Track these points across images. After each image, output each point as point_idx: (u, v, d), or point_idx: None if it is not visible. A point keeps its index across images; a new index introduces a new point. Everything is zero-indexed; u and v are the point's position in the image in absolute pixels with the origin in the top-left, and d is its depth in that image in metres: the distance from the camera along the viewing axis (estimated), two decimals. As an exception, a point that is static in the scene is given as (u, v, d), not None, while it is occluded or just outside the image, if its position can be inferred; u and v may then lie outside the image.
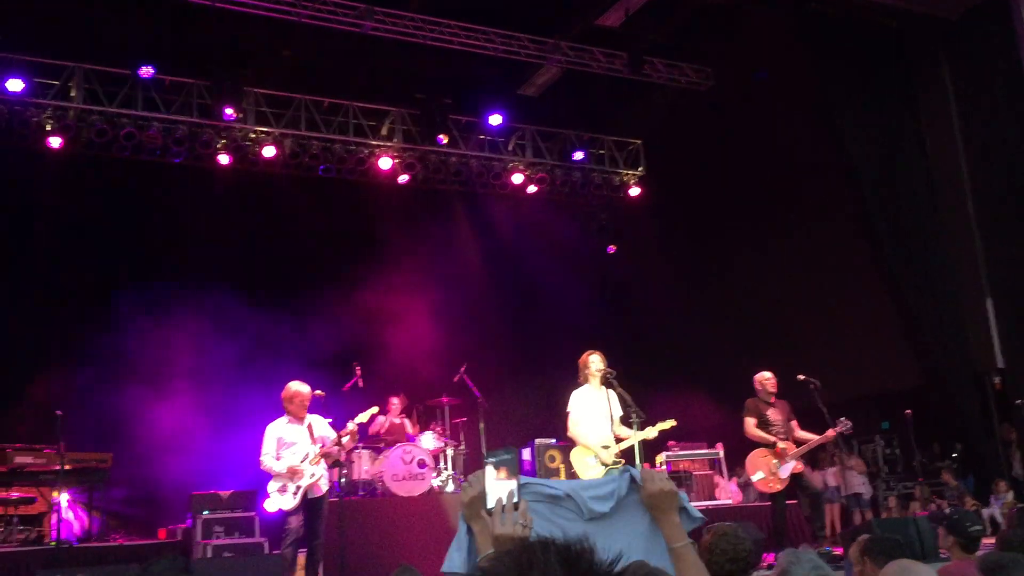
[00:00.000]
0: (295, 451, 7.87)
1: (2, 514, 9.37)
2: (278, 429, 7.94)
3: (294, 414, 7.93)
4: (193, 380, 11.41)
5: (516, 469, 2.13)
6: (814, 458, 12.01)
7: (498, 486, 2.11)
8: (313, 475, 7.80)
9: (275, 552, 7.71)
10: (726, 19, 12.66)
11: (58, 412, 8.31)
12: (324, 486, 7.91)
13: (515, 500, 2.05)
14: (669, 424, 8.48)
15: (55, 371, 10.78)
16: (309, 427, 7.97)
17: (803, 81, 12.49)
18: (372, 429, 11.40)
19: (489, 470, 2.10)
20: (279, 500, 7.72)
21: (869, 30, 12.07)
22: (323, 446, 7.96)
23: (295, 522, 7.70)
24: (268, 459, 7.83)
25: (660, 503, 2.45)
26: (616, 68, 13.32)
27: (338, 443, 8.05)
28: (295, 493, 7.70)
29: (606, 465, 8.22)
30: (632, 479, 2.56)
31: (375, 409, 8.67)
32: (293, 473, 7.74)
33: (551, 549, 0.98)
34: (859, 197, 12.10)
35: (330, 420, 8.32)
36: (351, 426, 8.17)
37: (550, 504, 2.51)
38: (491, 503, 2.11)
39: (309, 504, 7.79)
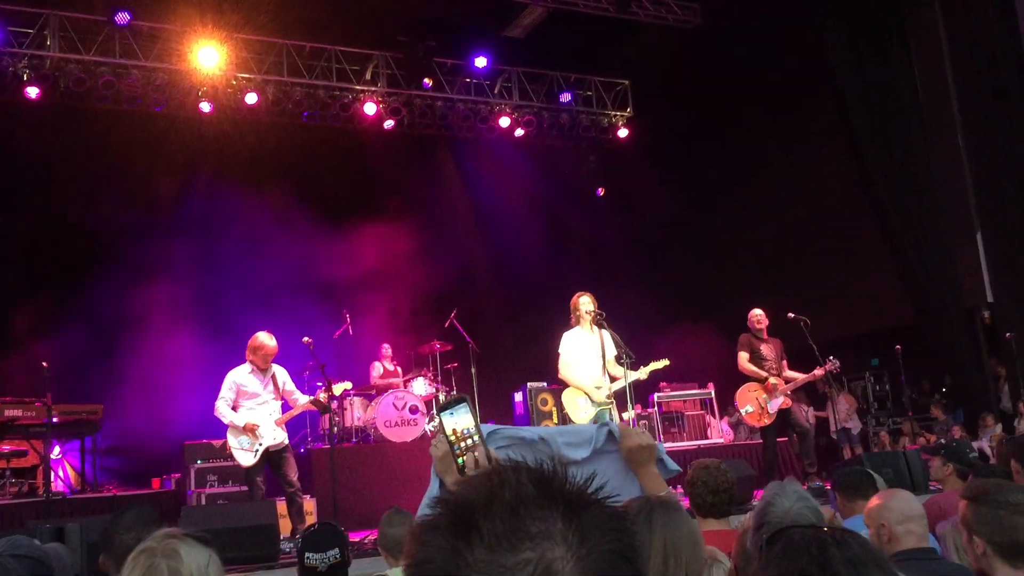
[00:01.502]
0: (256, 403, 7.74)
1: (-5, 467, 9.39)
2: (239, 376, 7.74)
3: (257, 365, 7.77)
4: (183, 330, 11.35)
5: (472, 415, 2.06)
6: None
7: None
8: (275, 438, 7.66)
9: (271, 498, 7.69)
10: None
11: (44, 364, 8.25)
12: (285, 440, 7.82)
13: (473, 443, 2.00)
14: (662, 364, 8.48)
15: (44, 324, 10.70)
16: (272, 377, 7.85)
17: (794, 16, 12.29)
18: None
19: (446, 421, 2.04)
20: (240, 456, 7.64)
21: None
22: (283, 404, 7.86)
23: (260, 480, 7.61)
24: (223, 405, 7.63)
25: (638, 456, 2.44)
26: (602, 7, 13.09)
27: (319, 401, 7.98)
28: (256, 452, 7.58)
29: (598, 404, 8.23)
30: (610, 433, 2.54)
31: (348, 384, 8.55)
32: (249, 430, 7.57)
33: (522, 469, 0.94)
34: (850, 134, 12.00)
35: (324, 364, 8.23)
36: (322, 396, 8.05)
37: (521, 448, 2.48)
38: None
39: (271, 456, 7.67)
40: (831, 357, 9.13)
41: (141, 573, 2.07)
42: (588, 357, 8.33)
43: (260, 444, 7.59)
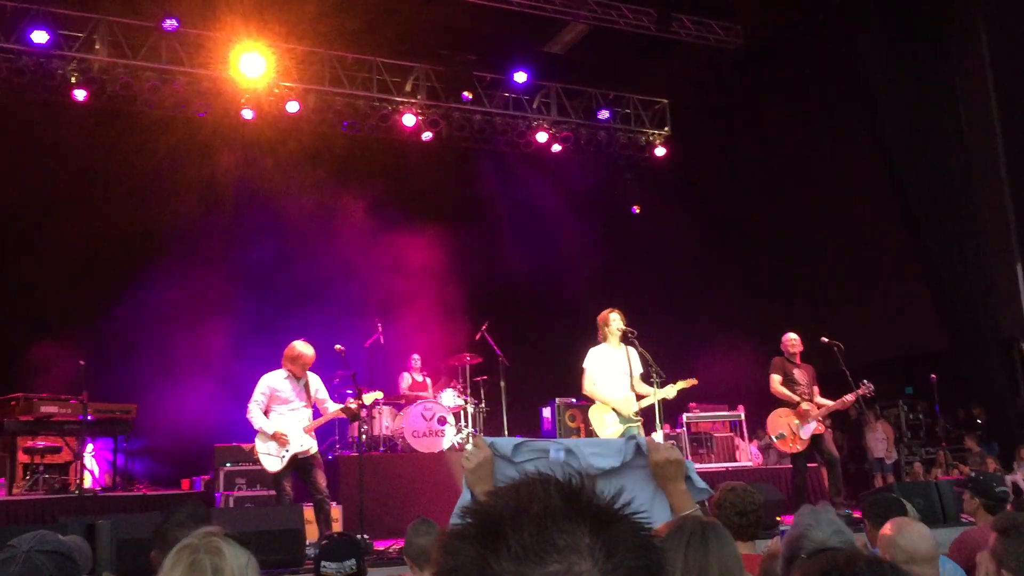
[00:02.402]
0: (287, 408, 7.79)
1: (28, 462, 9.54)
2: (273, 380, 7.78)
3: (294, 373, 7.84)
4: (217, 333, 11.47)
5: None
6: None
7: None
8: (302, 445, 7.70)
9: (296, 503, 7.73)
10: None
11: (81, 362, 8.38)
12: (313, 448, 7.86)
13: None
14: (689, 383, 8.42)
15: (81, 323, 10.87)
16: (305, 385, 7.92)
17: (834, 40, 12.23)
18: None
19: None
20: (267, 461, 7.70)
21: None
22: (314, 411, 7.92)
23: (287, 485, 7.67)
24: (255, 409, 7.66)
25: (666, 471, 2.43)
26: (644, 25, 13.12)
27: (349, 409, 8.02)
28: (283, 459, 7.63)
29: (626, 420, 8.18)
30: (638, 447, 2.53)
31: (379, 395, 8.59)
32: (277, 438, 7.61)
33: (550, 483, 0.95)
34: (888, 158, 11.89)
35: (355, 372, 8.28)
36: (352, 404, 8.09)
37: (549, 460, 2.48)
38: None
39: (298, 463, 7.72)
40: (864, 380, 8.98)
41: (185, 568, 2.10)
42: (615, 373, 8.29)
43: (287, 450, 7.64)
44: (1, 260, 11.42)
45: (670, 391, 8.18)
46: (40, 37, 11.09)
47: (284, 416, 7.75)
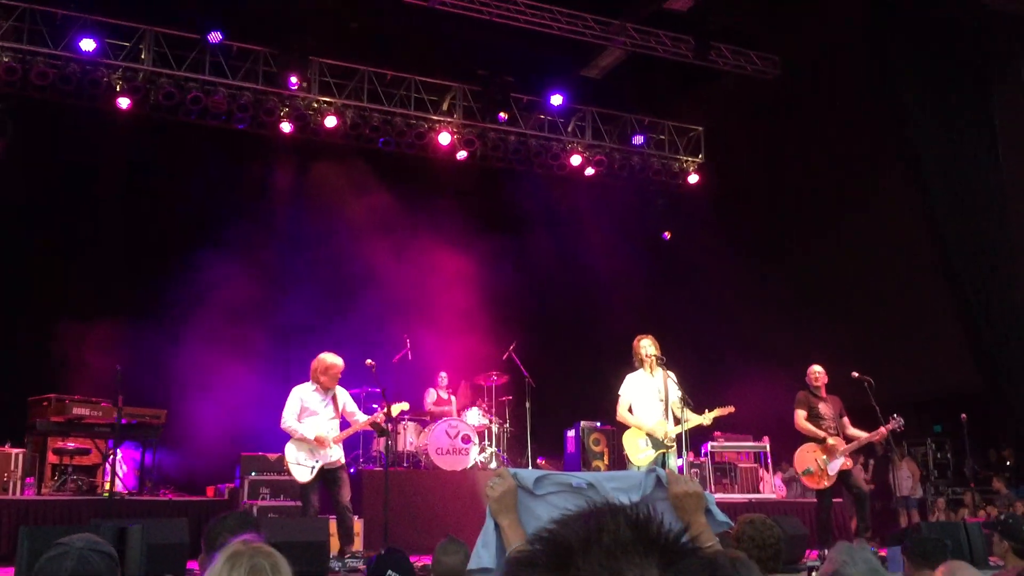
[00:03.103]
0: (315, 421, 7.86)
1: (57, 463, 9.64)
2: (303, 392, 7.91)
3: (323, 385, 7.91)
4: (246, 343, 11.58)
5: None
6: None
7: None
8: (331, 457, 7.79)
9: (321, 515, 7.78)
10: (796, 6, 12.43)
11: (118, 367, 8.49)
12: (341, 459, 7.94)
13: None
14: (727, 410, 8.42)
15: (114, 327, 11.01)
16: (333, 398, 7.97)
17: (872, 73, 12.22)
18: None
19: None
20: (297, 471, 7.77)
21: (943, 22, 11.73)
22: (342, 423, 7.99)
23: (314, 498, 7.76)
24: (290, 419, 7.81)
25: (686, 504, 2.44)
26: (681, 53, 13.17)
27: (377, 424, 8.08)
28: (312, 469, 7.72)
29: (659, 445, 8.17)
30: (658, 480, 2.55)
31: (405, 405, 8.65)
32: (320, 443, 7.72)
33: (620, 513, 0.97)
34: (924, 193, 11.81)
35: (383, 388, 8.35)
36: (379, 416, 8.16)
37: (570, 494, 2.50)
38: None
39: (325, 474, 7.81)
40: (894, 415, 8.89)
41: (246, 571, 2.17)
42: (650, 400, 8.32)
43: (317, 461, 7.70)
44: (44, 263, 11.63)
45: (706, 418, 8.20)
46: (88, 45, 11.30)
47: (314, 429, 7.82)
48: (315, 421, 7.84)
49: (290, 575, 2.26)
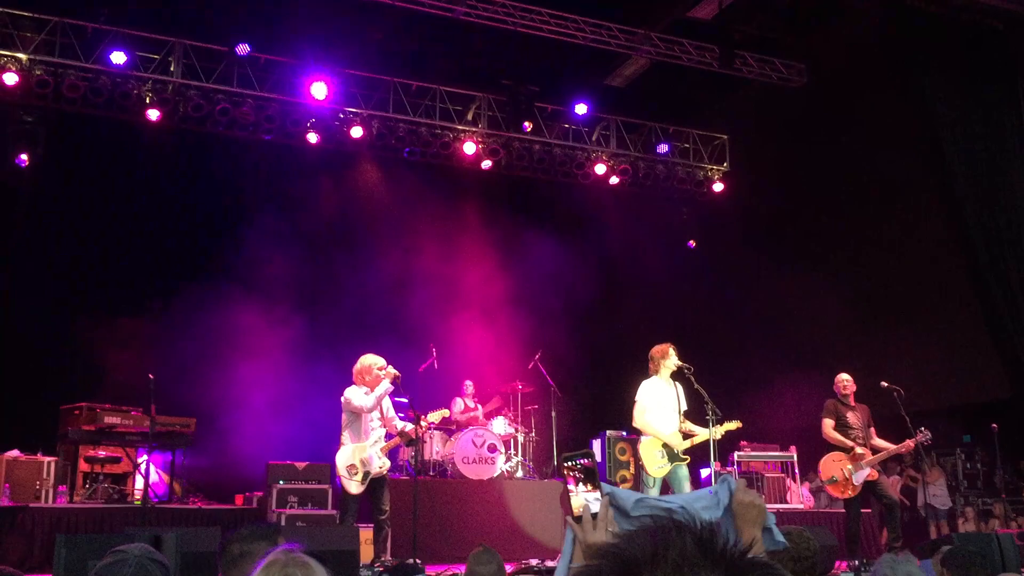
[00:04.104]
0: (370, 424, 8.00)
1: (88, 471, 9.75)
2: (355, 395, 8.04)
3: (369, 385, 8.00)
4: (275, 353, 11.67)
5: (596, 472, 2.15)
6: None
7: (584, 494, 2.14)
8: (381, 467, 7.88)
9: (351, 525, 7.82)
10: (822, 14, 12.39)
11: (150, 376, 8.59)
12: (385, 467, 8.01)
13: (598, 510, 2.08)
14: (735, 425, 8.39)
15: (145, 335, 11.15)
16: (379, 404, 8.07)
17: (900, 82, 12.15)
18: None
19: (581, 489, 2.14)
20: (346, 483, 7.83)
21: (972, 31, 11.66)
22: (387, 432, 8.06)
23: (355, 507, 7.85)
24: (365, 398, 7.93)
25: (747, 514, 2.43)
26: (706, 61, 13.14)
27: (405, 433, 8.13)
28: (363, 480, 7.80)
29: (675, 456, 8.16)
30: (730, 490, 2.55)
31: (446, 412, 8.71)
32: (363, 462, 7.82)
33: (685, 530, 0.99)
34: (954, 202, 11.72)
35: (405, 400, 8.42)
36: (423, 424, 8.21)
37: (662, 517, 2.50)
38: (576, 508, 2.14)
39: (372, 484, 7.89)
40: (922, 428, 8.84)
41: None
42: (666, 409, 8.31)
43: (368, 471, 7.78)
44: (75, 273, 11.79)
45: (718, 431, 8.15)
46: (119, 58, 11.44)
47: (366, 434, 7.90)
48: (370, 423, 7.94)
49: None
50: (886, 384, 9.08)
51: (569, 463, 2.16)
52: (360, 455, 7.83)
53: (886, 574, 2.63)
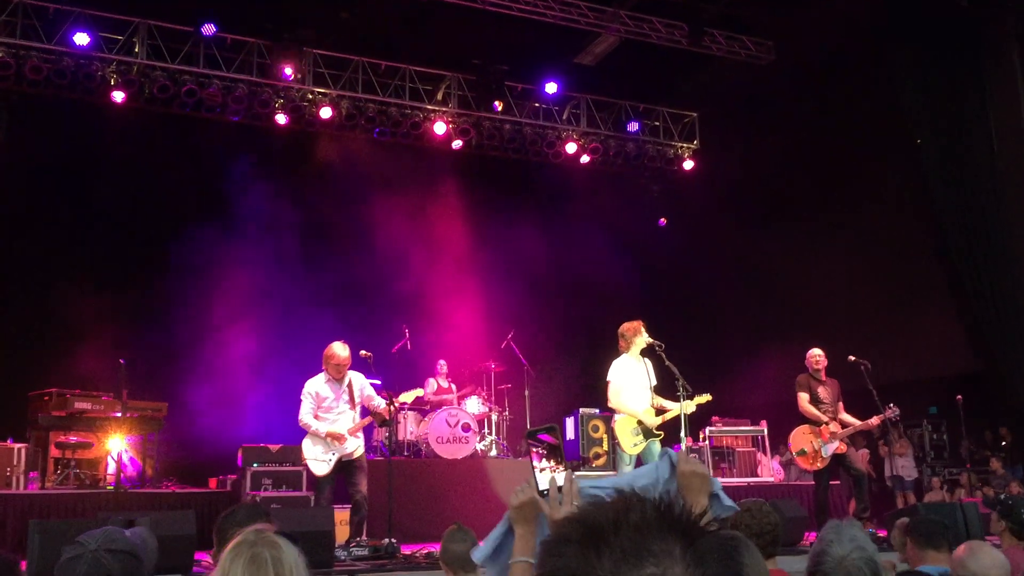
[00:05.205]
0: (334, 412, 7.91)
1: (59, 457, 9.69)
2: (315, 386, 7.93)
3: (331, 375, 7.96)
4: (246, 335, 11.63)
5: (560, 449, 2.17)
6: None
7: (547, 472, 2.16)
8: (347, 448, 7.83)
9: (336, 505, 7.85)
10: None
11: (121, 360, 8.55)
12: (359, 450, 7.99)
13: (564, 485, 2.10)
14: (705, 398, 8.51)
15: (113, 320, 11.05)
16: (349, 385, 8.01)
17: (868, 59, 12.25)
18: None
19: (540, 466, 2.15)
20: (315, 466, 7.83)
21: (940, 9, 11.76)
22: (362, 410, 8.04)
23: (328, 490, 7.83)
24: (307, 415, 7.82)
25: (691, 483, 2.47)
26: (675, 39, 13.16)
27: (379, 414, 8.12)
28: (329, 463, 7.78)
29: (649, 433, 8.27)
30: (671, 463, 2.59)
31: (420, 392, 8.71)
32: (334, 439, 7.77)
33: (645, 499, 1.04)
34: (920, 177, 11.87)
35: (377, 382, 8.43)
36: (395, 404, 8.20)
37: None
38: (543, 485, 2.15)
39: (343, 466, 7.86)
40: (891, 404, 8.97)
41: (246, 561, 2.20)
42: (638, 386, 8.41)
43: (334, 454, 7.77)
44: (40, 257, 11.65)
45: (689, 406, 8.26)
46: (81, 39, 11.28)
47: (334, 422, 7.86)
48: (332, 415, 7.88)
49: (297, 566, 2.26)
50: (853, 358, 9.21)
51: (531, 439, 2.18)
52: (325, 440, 7.80)
53: (831, 539, 2.69)
